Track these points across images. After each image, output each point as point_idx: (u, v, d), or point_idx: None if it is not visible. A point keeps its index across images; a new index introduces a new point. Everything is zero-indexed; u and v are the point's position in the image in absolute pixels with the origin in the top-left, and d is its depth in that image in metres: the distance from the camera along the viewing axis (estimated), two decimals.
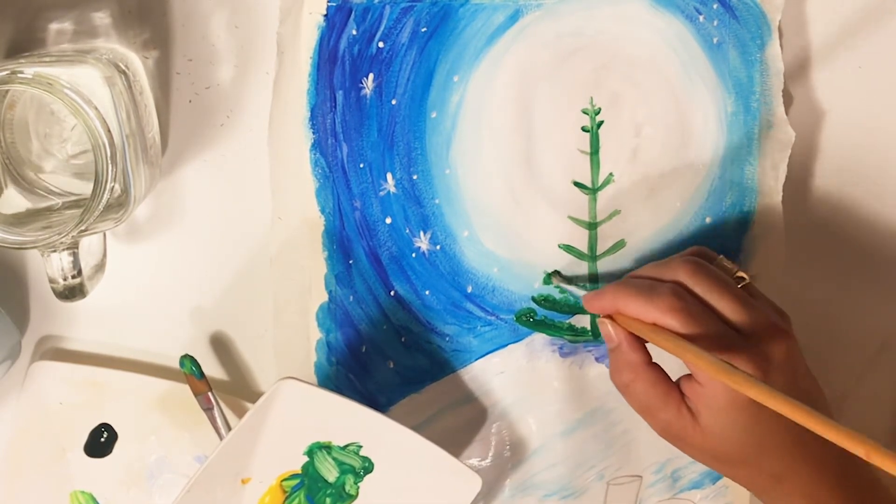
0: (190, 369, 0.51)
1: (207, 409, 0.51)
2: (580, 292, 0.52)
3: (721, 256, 0.49)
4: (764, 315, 0.46)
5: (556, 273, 0.53)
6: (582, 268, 0.53)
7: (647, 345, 0.48)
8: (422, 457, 0.49)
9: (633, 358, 0.47)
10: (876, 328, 0.58)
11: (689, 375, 0.47)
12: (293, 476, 0.50)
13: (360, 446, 0.49)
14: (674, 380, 0.47)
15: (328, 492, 0.50)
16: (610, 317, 0.48)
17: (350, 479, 0.50)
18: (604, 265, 0.54)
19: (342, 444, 0.49)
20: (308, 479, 0.50)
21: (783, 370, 0.45)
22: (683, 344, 0.44)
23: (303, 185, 0.51)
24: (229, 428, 0.51)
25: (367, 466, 0.50)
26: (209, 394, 0.51)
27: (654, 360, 0.48)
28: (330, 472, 0.50)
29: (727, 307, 0.45)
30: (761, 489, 0.47)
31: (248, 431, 0.47)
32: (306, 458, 0.49)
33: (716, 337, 0.44)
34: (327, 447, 0.49)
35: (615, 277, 0.54)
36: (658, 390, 0.47)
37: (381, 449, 0.49)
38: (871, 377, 0.58)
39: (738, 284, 0.47)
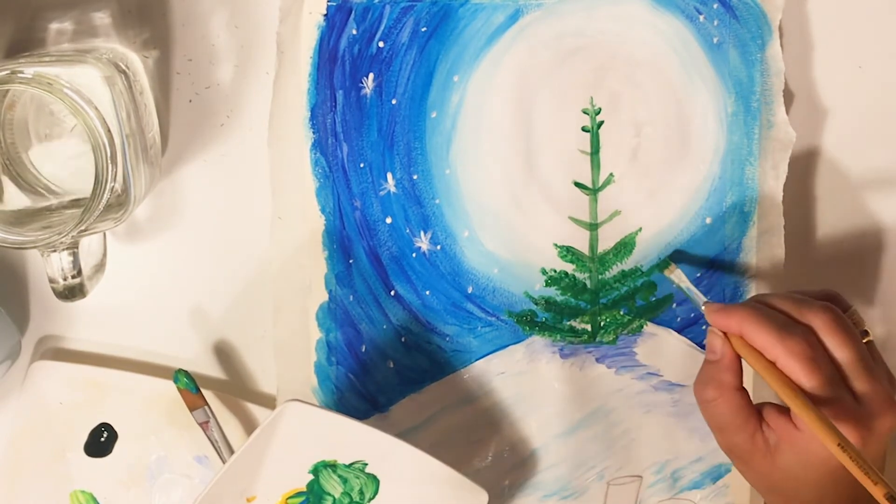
0: (185, 384, 0.50)
1: (203, 423, 0.51)
2: (700, 298, 0.50)
3: (853, 308, 0.48)
4: (882, 386, 0.45)
5: (672, 264, 0.52)
6: (583, 269, 0.53)
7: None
8: (427, 473, 0.49)
9: (725, 378, 0.47)
10: (875, 328, 0.57)
11: (779, 408, 0.46)
12: (298, 494, 0.49)
13: (366, 464, 0.49)
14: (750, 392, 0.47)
15: None
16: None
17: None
18: (605, 266, 0.54)
19: (347, 463, 0.49)
20: (313, 497, 0.50)
21: (881, 443, 0.45)
22: (796, 393, 0.43)
23: (303, 184, 0.51)
24: (226, 442, 0.51)
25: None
26: (205, 408, 0.51)
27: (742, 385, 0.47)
28: (335, 490, 0.49)
29: (853, 370, 0.45)
30: None
31: (253, 452, 0.47)
32: (311, 476, 0.49)
33: (831, 395, 0.44)
34: (332, 465, 0.49)
35: (615, 277, 0.54)
36: (738, 415, 0.46)
37: (386, 466, 0.49)
38: None
39: (863, 339, 0.47)
